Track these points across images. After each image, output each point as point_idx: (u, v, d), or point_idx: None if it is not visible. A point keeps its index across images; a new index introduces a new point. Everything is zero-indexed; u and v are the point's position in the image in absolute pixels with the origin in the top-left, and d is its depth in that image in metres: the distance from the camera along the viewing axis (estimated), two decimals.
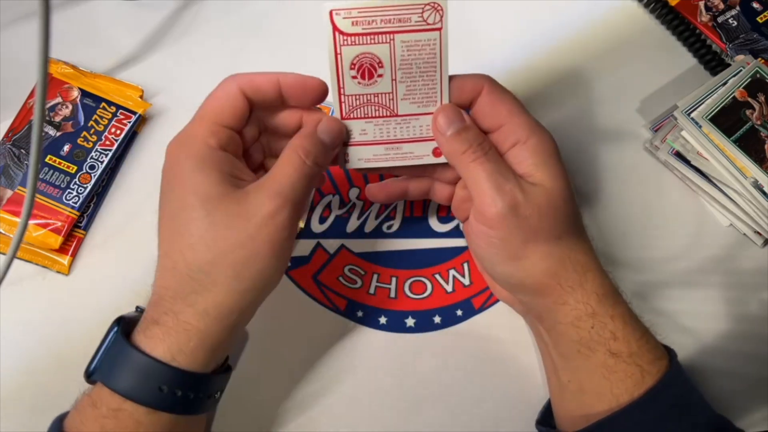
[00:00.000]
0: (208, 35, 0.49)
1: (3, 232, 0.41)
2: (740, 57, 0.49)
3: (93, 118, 0.43)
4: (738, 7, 0.51)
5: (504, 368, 0.41)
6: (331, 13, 0.31)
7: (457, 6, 0.51)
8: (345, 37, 0.32)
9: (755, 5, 0.51)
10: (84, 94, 0.44)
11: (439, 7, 0.32)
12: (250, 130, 0.34)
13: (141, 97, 0.45)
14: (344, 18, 0.31)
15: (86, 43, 0.47)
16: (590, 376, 0.33)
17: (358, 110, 0.34)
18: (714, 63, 0.49)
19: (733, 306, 0.44)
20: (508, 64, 0.49)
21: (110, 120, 0.43)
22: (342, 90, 0.33)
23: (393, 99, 0.34)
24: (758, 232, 0.44)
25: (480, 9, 0.51)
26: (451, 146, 0.33)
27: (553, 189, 0.33)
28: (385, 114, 0.34)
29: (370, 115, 0.34)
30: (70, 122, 0.43)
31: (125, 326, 0.31)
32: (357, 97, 0.34)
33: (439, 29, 0.32)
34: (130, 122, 0.44)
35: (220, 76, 0.47)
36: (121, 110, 0.44)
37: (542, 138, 0.34)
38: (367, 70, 0.33)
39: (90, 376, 0.30)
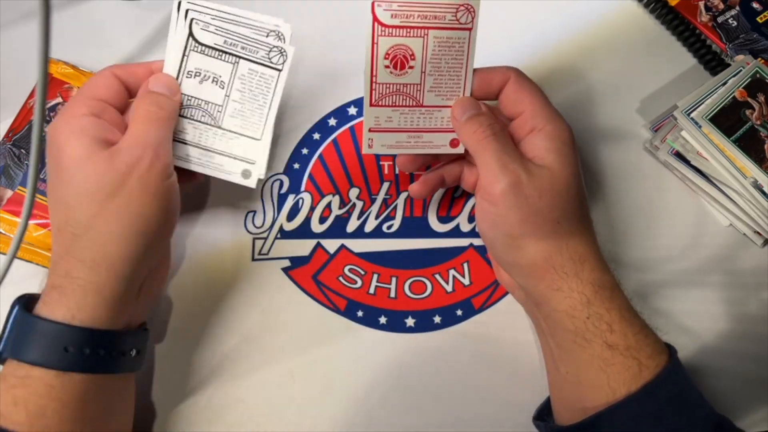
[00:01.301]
0: None
1: (3, 232, 0.41)
2: (740, 57, 0.49)
3: None
4: (738, 7, 0.51)
5: (504, 368, 0.41)
6: (373, 4, 0.33)
7: None
8: (383, 28, 0.33)
9: (755, 5, 0.51)
10: None
11: (471, 9, 0.34)
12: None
13: None
14: (385, 10, 0.33)
15: (86, 43, 0.47)
16: (587, 367, 0.33)
17: (387, 98, 0.36)
18: (714, 63, 0.49)
19: (733, 306, 0.44)
20: (508, 64, 0.49)
21: None
22: (375, 78, 0.35)
23: (420, 90, 0.36)
24: (758, 232, 0.44)
25: (480, 9, 0.51)
26: (465, 129, 0.36)
27: (559, 174, 0.34)
28: (411, 104, 0.36)
29: (397, 104, 0.36)
30: None
31: (26, 302, 0.32)
32: (387, 85, 0.35)
33: (470, 29, 0.35)
34: None
35: None
36: None
37: (558, 126, 0.35)
38: (400, 61, 0.35)
39: (0, 355, 0.31)
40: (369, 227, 0.45)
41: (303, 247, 0.44)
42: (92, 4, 0.49)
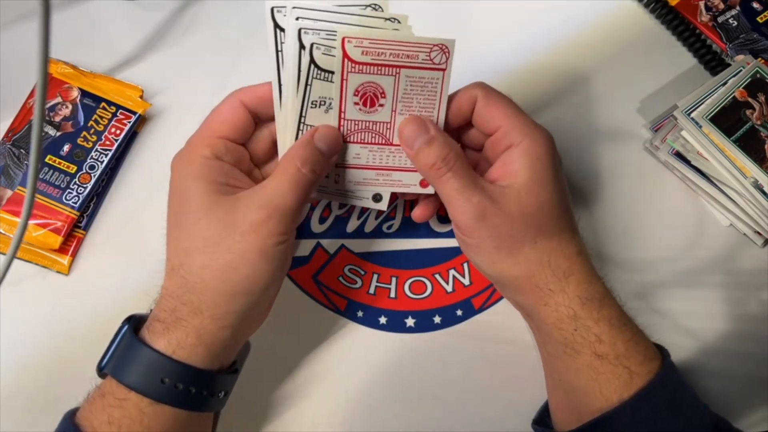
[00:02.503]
0: (208, 35, 0.49)
1: (3, 232, 0.41)
2: (740, 57, 0.49)
3: (93, 118, 0.43)
4: (738, 7, 0.51)
5: (504, 368, 0.41)
6: (343, 40, 0.32)
7: (458, 6, 0.52)
8: (353, 65, 0.32)
9: (755, 5, 0.51)
10: (84, 94, 0.44)
11: (446, 50, 0.33)
12: (262, 144, 0.36)
13: (141, 97, 0.45)
14: (355, 46, 0.32)
15: (86, 43, 0.47)
16: (578, 376, 0.34)
17: (356, 135, 0.35)
18: (714, 63, 0.49)
19: (733, 306, 0.44)
20: (508, 64, 0.49)
21: (110, 120, 0.43)
22: (343, 114, 0.34)
23: (390, 129, 0.35)
24: (758, 232, 0.44)
25: (480, 9, 0.51)
26: (419, 162, 0.34)
27: (531, 193, 0.33)
28: (380, 141, 0.35)
29: (366, 141, 0.35)
30: (70, 122, 0.43)
31: (135, 324, 0.33)
32: (356, 122, 0.34)
33: (443, 69, 0.33)
34: (130, 122, 0.44)
35: (220, 76, 0.48)
36: (121, 110, 0.44)
37: (535, 141, 0.34)
38: (369, 98, 0.34)
39: (101, 370, 0.32)
40: (369, 227, 0.45)
41: (303, 247, 0.44)
42: (92, 4, 0.49)
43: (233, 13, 0.50)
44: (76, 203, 0.41)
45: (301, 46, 0.32)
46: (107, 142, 0.43)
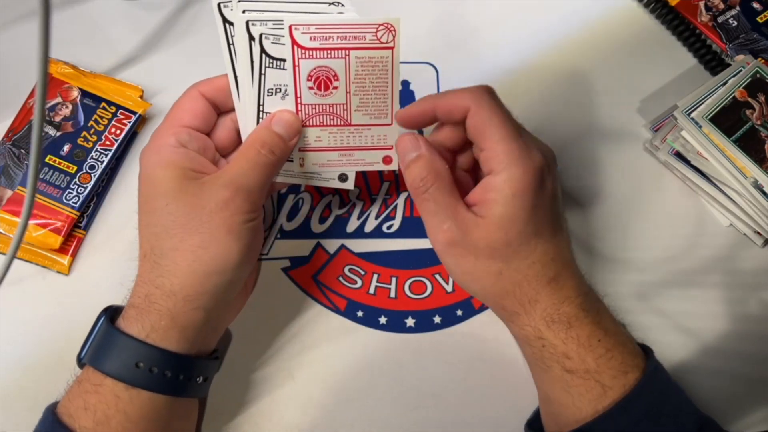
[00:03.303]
0: (208, 35, 0.49)
1: (3, 232, 0.41)
2: (740, 57, 0.49)
3: (93, 118, 0.43)
4: (738, 7, 0.51)
5: (504, 368, 0.41)
6: (290, 28, 0.33)
7: (458, 6, 0.52)
8: (303, 51, 0.34)
9: (755, 5, 0.51)
10: (84, 94, 0.44)
11: (392, 28, 0.34)
12: (224, 133, 0.37)
13: (141, 97, 0.45)
14: (302, 33, 0.33)
15: (86, 43, 0.47)
16: (552, 388, 0.34)
17: (314, 118, 0.36)
18: (714, 63, 0.49)
19: (733, 306, 0.44)
20: (508, 64, 0.49)
21: (110, 120, 0.43)
22: (299, 99, 0.35)
23: (347, 110, 0.36)
24: (758, 232, 0.44)
25: (480, 9, 0.51)
26: (406, 178, 0.35)
27: (499, 230, 0.32)
28: (339, 123, 0.36)
29: (325, 124, 0.36)
30: (70, 122, 0.43)
31: (111, 314, 0.34)
32: (313, 106, 0.35)
33: (392, 48, 0.34)
34: (130, 122, 0.44)
35: None
36: (121, 110, 0.44)
37: (514, 175, 0.32)
38: (323, 82, 0.35)
39: (80, 361, 0.33)
40: (369, 227, 0.45)
41: (303, 247, 0.44)
42: (92, 4, 0.49)
43: None
44: (76, 203, 0.41)
45: (251, 38, 0.33)
46: (107, 142, 0.43)
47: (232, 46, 0.34)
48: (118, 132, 0.43)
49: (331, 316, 0.42)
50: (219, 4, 0.33)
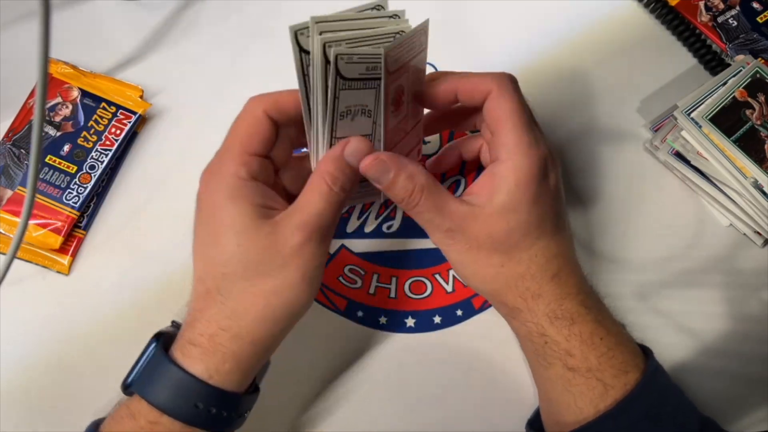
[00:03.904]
0: (208, 35, 0.49)
1: (3, 232, 0.41)
2: (740, 57, 0.49)
3: (93, 118, 0.43)
4: (738, 7, 0.51)
5: (504, 368, 0.41)
6: (386, 56, 0.29)
7: (458, 6, 0.52)
8: (390, 75, 0.31)
9: (755, 5, 0.51)
10: (84, 94, 0.44)
11: (427, 30, 0.32)
12: (281, 150, 0.34)
13: (141, 97, 0.45)
14: (393, 59, 0.30)
15: (86, 43, 0.47)
16: (553, 386, 0.34)
17: (395, 137, 0.34)
18: (714, 63, 0.49)
19: (733, 306, 0.44)
20: (508, 64, 0.49)
21: (110, 120, 0.44)
22: (388, 126, 0.33)
23: (407, 119, 0.35)
24: (758, 232, 0.44)
25: (480, 9, 0.51)
26: (391, 197, 0.33)
27: (500, 219, 0.32)
28: (402, 135, 0.35)
29: (398, 140, 0.35)
30: (70, 122, 0.43)
31: (164, 342, 0.32)
32: (395, 129, 0.34)
33: (425, 49, 0.33)
34: (130, 122, 0.44)
35: (220, 76, 0.48)
36: (121, 110, 0.44)
37: (520, 164, 0.32)
38: (397, 99, 0.33)
39: (127, 387, 0.31)
40: (369, 227, 0.45)
41: None
42: (92, 4, 0.49)
43: (233, 14, 0.50)
44: (76, 203, 0.41)
45: (327, 61, 0.30)
46: (107, 142, 0.43)
47: (306, 75, 0.31)
48: (118, 132, 0.43)
49: (331, 316, 0.42)
50: (296, 32, 0.30)
